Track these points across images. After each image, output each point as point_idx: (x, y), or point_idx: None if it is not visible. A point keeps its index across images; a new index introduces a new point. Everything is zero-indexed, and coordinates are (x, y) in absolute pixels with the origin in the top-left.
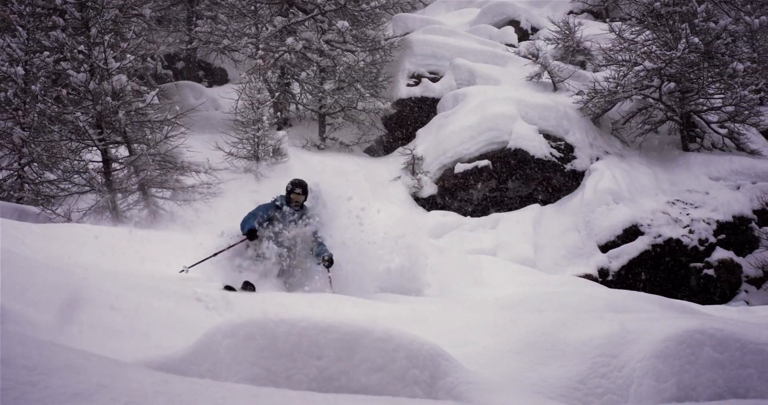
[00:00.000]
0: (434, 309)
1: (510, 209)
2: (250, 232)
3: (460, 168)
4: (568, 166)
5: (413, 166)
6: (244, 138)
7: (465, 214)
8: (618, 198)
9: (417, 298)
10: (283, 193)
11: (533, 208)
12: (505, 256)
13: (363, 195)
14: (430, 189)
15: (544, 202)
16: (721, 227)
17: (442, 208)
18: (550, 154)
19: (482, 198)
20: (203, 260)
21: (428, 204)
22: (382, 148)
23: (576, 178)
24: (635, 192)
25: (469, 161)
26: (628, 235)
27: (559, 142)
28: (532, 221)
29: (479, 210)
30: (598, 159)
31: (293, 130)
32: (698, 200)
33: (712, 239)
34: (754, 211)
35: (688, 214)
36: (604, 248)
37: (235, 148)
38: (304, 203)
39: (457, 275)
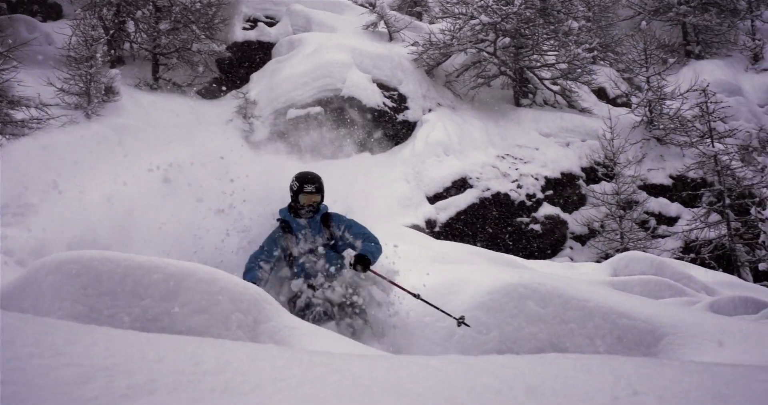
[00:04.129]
0: None
1: (341, 157)
2: None
3: (292, 114)
4: (400, 117)
5: (246, 110)
6: (77, 75)
7: (296, 160)
8: (448, 150)
9: None
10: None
11: (364, 157)
12: (334, 203)
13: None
14: (262, 133)
15: (375, 152)
16: (549, 183)
17: (274, 152)
18: (383, 103)
19: (313, 144)
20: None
21: (260, 148)
22: (216, 91)
23: (408, 129)
24: (466, 145)
25: (302, 107)
26: (456, 187)
27: (392, 92)
28: (362, 170)
29: (310, 156)
30: (430, 110)
31: (126, 68)
32: (528, 156)
33: (540, 195)
34: (582, 169)
35: (517, 169)
36: (433, 199)
37: (67, 85)
38: (322, 205)
39: None
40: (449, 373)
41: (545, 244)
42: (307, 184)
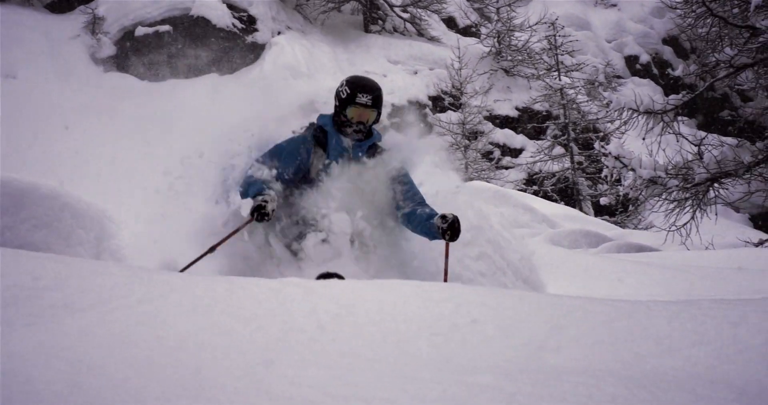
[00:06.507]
0: None
1: (188, 77)
2: (256, 208)
3: (141, 31)
4: (249, 38)
5: (94, 26)
6: None
7: (142, 78)
8: (297, 74)
9: None
10: (327, 109)
11: (211, 78)
12: (180, 124)
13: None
14: (109, 50)
15: (223, 73)
16: (396, 110)
17: (120, 70)
18: (233, 24)
19: (161, 63)
20: (196, 260)
21: (106, 65)
22: (64, 5)
23: (256, 51)
24: (314, 69)
25: (151, 25)
26: (304, 112)
27: (242, 14)
28: (208, 91)
29: (157, 75)
30: (279, 33)
31: None
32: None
33: (386, 122)
34: (429, 97)
35: None
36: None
37: None
38: (375, 132)
39: None
40: (289, 295)
41: None
42: (363, 92)
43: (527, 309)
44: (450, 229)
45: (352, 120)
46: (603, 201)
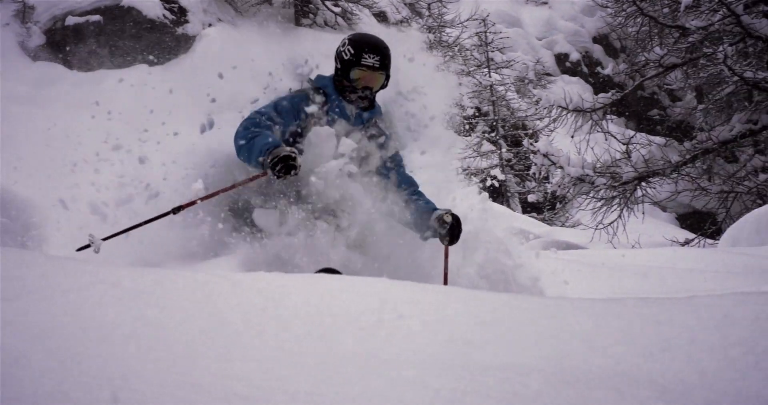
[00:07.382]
0: None
1: (118, 67)
2: (283, 158)
3: (71, 21)
4: (180, 30)
5: (24, 15)
6: None
7: (71, 68)
8: (226, 66)
9: None
10: (326, 71)
11: (140, 69)
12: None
13: None
14: (39, 39)
15: (152, 64)
16: None
17: (49, 59)
18: (163, 15)
19: (91, 53)
20: (153, 219)
21: (35, 54)
22: None
23: (187, 43)
24: (244, 62)
25: (81, 15)
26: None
27: (173, 5)
28: (137, 80)
29: (86, 65)
30: (210, 25)
31: None
32: (306, 74)
33: None
34: None
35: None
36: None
37: None
38: (375, 101)
39: None
40: (216, 288)
41: None
42: (369, 52)
43: (454, 305)
44: (450, 235)
45: (357, 84)
46: (531, 198)
